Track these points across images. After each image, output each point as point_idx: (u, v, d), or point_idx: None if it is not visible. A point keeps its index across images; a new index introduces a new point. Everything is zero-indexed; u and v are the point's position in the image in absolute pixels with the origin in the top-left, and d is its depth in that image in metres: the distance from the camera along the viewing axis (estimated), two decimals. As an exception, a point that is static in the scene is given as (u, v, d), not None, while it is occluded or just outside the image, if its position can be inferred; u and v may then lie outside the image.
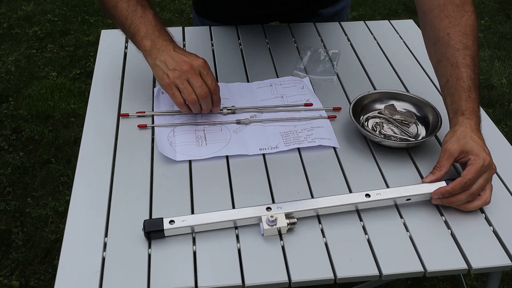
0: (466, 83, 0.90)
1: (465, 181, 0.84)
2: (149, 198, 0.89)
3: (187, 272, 0.77)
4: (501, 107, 2.57)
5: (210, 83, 0.96)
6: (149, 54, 0.97)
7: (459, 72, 0.91)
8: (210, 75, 0.97)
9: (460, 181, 0.84)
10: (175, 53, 0.96)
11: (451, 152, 0.87)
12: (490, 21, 3.29)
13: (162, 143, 0.99)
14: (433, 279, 1.76)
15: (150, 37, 0.97)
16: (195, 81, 0.95)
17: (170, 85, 0.95)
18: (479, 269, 0.80)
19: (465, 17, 0.95)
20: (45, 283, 1.72)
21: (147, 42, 0.97)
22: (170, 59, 0.95)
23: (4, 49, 2.88)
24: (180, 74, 0.94)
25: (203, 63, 0.96)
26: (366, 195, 0.87)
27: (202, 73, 0.96)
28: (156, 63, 0.96)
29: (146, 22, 0.98)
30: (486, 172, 0.85)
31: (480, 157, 0.85)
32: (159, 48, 0.96)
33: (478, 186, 0.85)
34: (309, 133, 1.02)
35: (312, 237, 0.83)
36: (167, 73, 0.95)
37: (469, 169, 0.84)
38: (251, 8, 1.34)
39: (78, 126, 2.34)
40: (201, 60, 0.97)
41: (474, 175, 0.84)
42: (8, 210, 1.94)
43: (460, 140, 0.87)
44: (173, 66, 0.95)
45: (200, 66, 0.96)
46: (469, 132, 0.87)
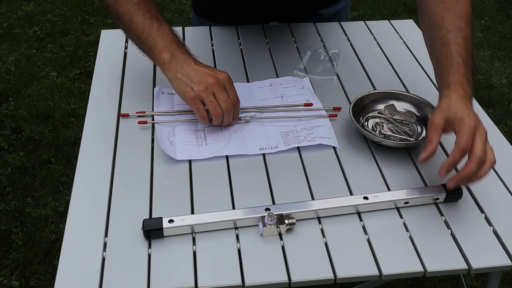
0: (454, 60, 0.90)
1: (461, 146, 0.82)
2: (149, 198, 0.89)
3: (187, 272, 0.77)
4: (501, 107, 2.57)
5: (233, 97, 0.96)
6: (168, 67, 0.95)
7: (449, 50, 0.91)
8: (233, 89, 0.97)
9: (456, 148, 0.83)
10: (197, 66, 0.95)
11: (436, 124, 0.86)
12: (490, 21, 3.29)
13: (163, 141, 0.99)
14: (433, 279, 1.76)
15: (169, 49, 0.96)
16: (221, 95, 0.94)
17: (195, 98, 0.94)
18: (479, 269, 0.80)
19: (461, 3, 0.96)
20: (45, 283, 1.72)
21: (166, 55, 0.95)
22: (193, 72, 0.94)
23: (4, 49, 2.88)
24: (206, 87, 0.93)
25: (227, 77, 0.96)
26: (364, 197, 0.87)
27: (226, 87, 0.96)
28: (177, 76, 0.94)
29: (163, 35, 0.97)
30: (477, 135, 0.83)
31: (464, 121, 0.84)
32: (179, 61, 0.95)
33: (479, 148, 0.82)
34: (309, 132, 1.02)
35: (312, 237, 0.84)
36: (191, 86, 0.93)
37: (460, 135, 0.83)
38: (251, 8, 1.34)
39: (78, 126, 2.34)
40: (225, 74, 0.96)
41: (467, 138, 0.82)
42: (8, 210, 1.94)
43: (443, 111, 0.86)
44: (198, 79, 0.93)
45: (225, 80, 0.95)
46: (453, 102, 0.86)
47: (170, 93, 1.11)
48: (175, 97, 1.11)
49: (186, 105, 1.08)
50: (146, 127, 1.04)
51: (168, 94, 1.11)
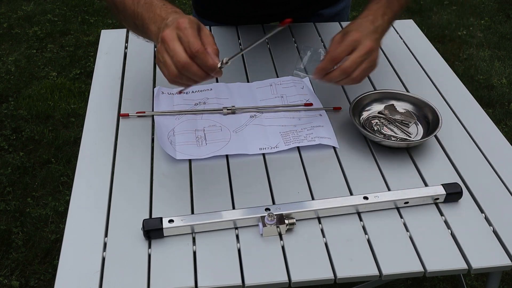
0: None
1: (332, 55, 0.89)
2: (149, 198, 0.89)
3: (187, 272, 0.77)
4: (501, 107, 2.57)
5: (186, 44, 0.75)
6: (156, 39, 0.84)
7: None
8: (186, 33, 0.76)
9: (328, 56, 0.89)
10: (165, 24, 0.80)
11: (335, 39, 0.91)
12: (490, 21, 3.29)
13: (163, 140, 0.99)
14: (433, 279, 1.76)
15: (153, 19, 0.85)
16: (169, 49, 0.76)
17: (158, 62, 0.80)
18: (479, 269, 0.80)
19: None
20: (45, 283, 1.72)
21: (152, 26, 0.85)
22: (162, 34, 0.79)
23: (4, 49, 2.88)
24: (160, 46, 0.78)
25: (180, 23, 0.77)
26: (364, 197, 0.87)
27: (179, 35, 0.77)
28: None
29: (148, 6, 0.88)
30: (358, 48, 0.87)
31: (350, 34, 0.88)
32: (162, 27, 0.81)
33: (349, 61, 0.87)
34: (309, 132, 1.02)
35: (312, 237, 0.84)
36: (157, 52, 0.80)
37: (335, 45, 0.89)
38: (251, 8, 1.34)
39: (78, 126, 2.34)
40: (181, 19, 0.78)
41: (341, 48, 0.88)
42: (8, 210, 1.94)
43: (344, 28, 0.93)
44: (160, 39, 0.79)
45: (177, 28, 0.77)
46: (356, 21, 0.93)
47: (170, 93, 1.12)
48: (175, 97, 1.11)
49: (186, 105, 1.08)
50: (146, 127, 1.04)
51: (168, 94, 1.11)
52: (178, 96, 1.11)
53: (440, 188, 0.89)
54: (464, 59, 2.92)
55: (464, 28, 3.20)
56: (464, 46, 3.03)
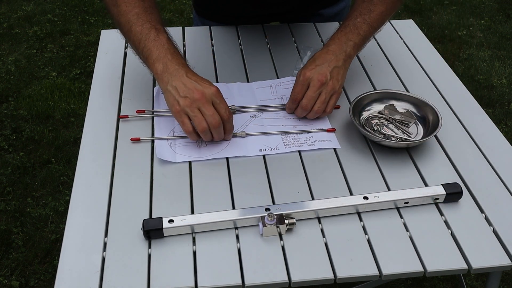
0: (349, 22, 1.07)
1: (292, 96, 1.03)
2: (149, 198, 0.89)
3: (187, 272, 0.77)
4: (501, 107, 2.57)
5: (223, 112, 0.93)
6: (160, 78, 0.95)
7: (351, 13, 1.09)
8: (223, 104, 0.94)
9: (290, 98, 1.04)
10: (187, 79, 0.93)
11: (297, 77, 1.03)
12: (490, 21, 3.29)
13: (162, 146, 0.98)
14: (433, 279, 1.76)
15: (162, 60, 0.95)
16: (206, 110, 0.91)
17: (180, 112, 0.92)
18: (479, 269, 0.80)
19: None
20: (45, 283, 1.72)
21: (159, 65, 0.95)
22: (182, 85, 0.92)
23: (4, 49, 2.88)
24: (191, 102, 0.91)
25: (215, 92, 0.93)
26: (364, 197, 0.87)
27: (215, 101, 0.93)
28: (167, 88, 0.93)
29: (159, 45, 0.96)
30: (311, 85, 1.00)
31: (301, 73, 1.02)
32: (171, 73, 0.94)
33: (306, 99, 1.01)
34: (309, 135, 1.02)
35: (312, 237, 0.84)
36: (178, 100, 0.92)
37: (294, 86, 1.03)
38: (251, 8, 1.34)
39: (78, 126, 2.34)
40: (214, 88, 0.93)
41: (298, 89, 1.02)
42: (8, 210, 1.94)
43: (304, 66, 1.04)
44: (185, 93, 0.92)
45: (213, 95, 0.92)
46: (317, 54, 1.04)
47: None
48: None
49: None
50: (146, 127, 1.04)
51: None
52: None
53: (440, 188, 0.89)
54: (464, 59, 2.92)
55: (464, 28, 3.20)
56: (464, 46, 3.03)
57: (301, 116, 1.05)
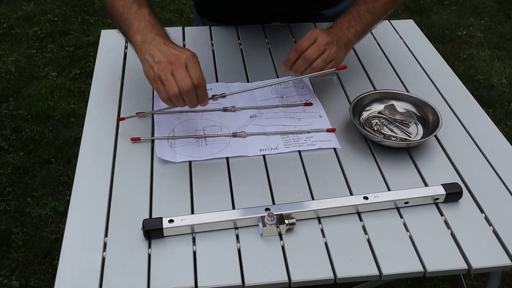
0: (353, 9, 1.08)
1: (295, 47, 1.01)
2: (149, 198, 0.89)
3: (187, 272, 0.77)
4: (501, 107, 2.57)
5: (194, 75, 0.89)
6: (139, 49, 0.93)
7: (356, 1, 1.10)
8: (196, 68, 0.89)
9: (293, 48, 1.02)
10: (164, 46, 0.91)
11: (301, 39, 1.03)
12: (490, 21, 3.29)
13: (162, 146, 0.98)
14: (433, 279, 1.76)
15: (142, 31, 0.94)
16: (178, 73, 0.88)
17: (155, 78, 0.90)
18: (479, 269, 0.80)
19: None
20: (45, 283, 1.72)
21: (138, 36, 0.94)
22: (158, 52, 0.90)
23: (4, 49, 2.88)
24: (165, 65, 0.89)
25: (190, 55, 0.90)
26: (364, 197, 0.87)
27: (188, 65, 0.89)
28: (145, 57, 0.92)
29: (139, 18, 0.95)
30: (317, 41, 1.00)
31: (309, 32, 1.02)
32: (150, 42, 0.92)
33: (312, 50, 1.00)
34: (309, 135, 1.02)
35: (312, 237, 0.84)
36: (153, 66, 0.90)
37: (301, 39, 1.01)
38: (251, 8, 1.34)
39: (78, 126, 2.34)
40: (189, 52, 0.90)
41: (304, 41, 1.01)
42: (8, 210, 1.94)
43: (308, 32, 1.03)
44: (159, 58, 0.90)
45: (187, 58, 0.89)
46: (320, 29, 1.03)
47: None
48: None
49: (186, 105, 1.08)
50: (146, 127, 1.04)
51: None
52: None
53: (440, 188, 0.89)
54: (464, 59, 2.92)
55: (464, 28, 3.20)
56: (464, 46, 3.03)
57: (298, 70, 1.02)
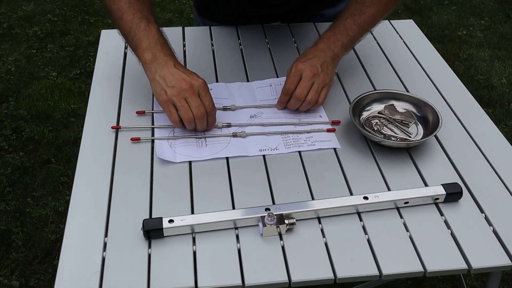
0: (339, 22, 1.09)
1: (285, 88, 1.04)
2: (149, 198, 0.89)
3: (187, 272, 0.77)
4: (501, 107, 2.57)
5: (207, 104, 0.96)
6: (149, 67, 0.97)
7: (343, 13, 1.11)
8: (208, 97, 0.96)
9: (282, 90, 1.05)
10: (175, 69, 0.95)
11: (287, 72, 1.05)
12: (490, 21, 3.29)
13: (162, 146, 0.98)
14: (433, 279, 1.76)
15: (152, 50, 0.97)
16: (193, 100, 0.94)
17: (167, 102, 0.95)
18: (479, 269, 0.80)
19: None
20: (45, 283, 1.72)
21: (148, 55, 0.97)
22: (170, 76, 0.95)
23: (4, 49, 2.88)
24: (179, 92, 0.94)
25: (202, 84, 0.96)
26: (364, 197, 0.87)
27: (201, 93, 0.95)
28: (155, 77, 0.96)
29: (149, 36, 0.98)
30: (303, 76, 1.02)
31: (293, 66, 1.04)
32: (160, 63, 0.96)
33: (300, 89, 1.02)
34: (309, 135, 1.02)
35: (312, 237, 0.84)
36: (165, 90, 0.94)
37: (287, 78, 1.04)
38: (251, 8, 1.34)
39: (78, 126, 2.34)
40: (201, 80, 0.96)
41: (290, 80, 1.03)
42: (8, 210, 1.94)
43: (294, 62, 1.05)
44: (172, 83, 0.94)
45: (199, 87, 0.95)
46: (307, 51, 1.06)
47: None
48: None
49: None
50: (146, 127, 1.04)
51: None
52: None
53: (440, 188, 0.89)
54: (464, 59, 2.92)
55: (464, 28, 3.20)
56: (464, 46, 3.03)
57: (293, 108, 1.06)
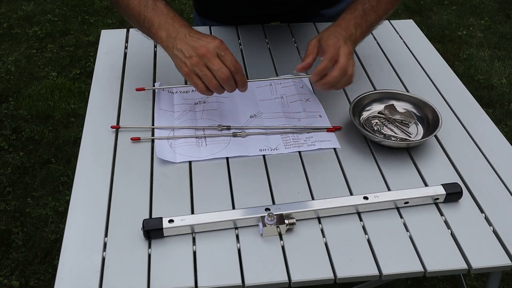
0: (358, 7, 1.06)
1: (330, 56, 0.95)
2: (149, 198, 0.89)
3: (187, 272, 0.77)
4: (501, 107, 2.57)
5: (229, 63, 0.91)
6: (166, 45, 0.95)
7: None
8: (229, 55, 0.91)
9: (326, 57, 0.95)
10: (190, 38, 0.92)
11: (312, 43, 0.99)
12: (490, 21, 3.29)
13: (162, 146, 0.98)
14: (433, 279, 1.76)
15: (164, 26, 0.95)
16: (213, 64, 0.90)
17: (190, 73, 0.92)
18: (479, 269, 0.80)
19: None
20: (45, 283, 1.72)
21: (162, 32, 0.95)
22: (186, 46, 0.92)
23: (4, 49, 2.88)
24: (198, 60, 0.91)
25: (219, 44, 0.91)
26: (364, 197, 0.87)
27: (220, 54, 0.91)
28: (174, 53, 0.93)
29: (158, 13, 0.97)
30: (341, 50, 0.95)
31: (330, 38, 0.97)
32: (174, 37, 0.94)
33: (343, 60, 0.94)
34: (309, 135, 1.02)
35: (312, 237, 0.84)
36: (185, 62, 0.92)
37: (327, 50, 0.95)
38: (251, 8, 1.34)
39: (78, 126, 2.34)
40: (217, 41, 0.92)
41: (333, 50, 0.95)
42: (8, 210, 1.94)
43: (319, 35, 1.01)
44: (189, 53, 0.91)
45: (217, 48, 0.91)
46: (329, 29, 1.01)
47: (170, 92, 1.12)
48: (175, 96, 1.11)
49: (186, 104, 1.08)
50: (146, 127, 1.04)
51: (168, 92, 1.12)
52: (178, 95, 1.11)
53: (440, 188, 0.89)
54: (464, 59, 2.92)
55: (464, 28, 3.20)
56: (464, 46, 3.03)
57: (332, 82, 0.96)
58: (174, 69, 1.04)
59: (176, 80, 1.14)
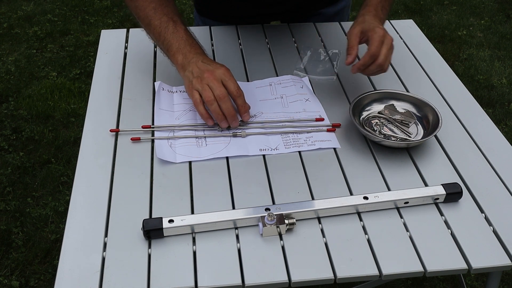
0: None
1: (372, 52, 1.00)
2: (149, 198, 0.89)
3: (187, 272, 0.77)
4: (501, 107, 2.57)
5: (232, 88, 0.98)
6: (181, 67, 1.02)
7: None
8: (232, 81, 0.99)
9: (368, 53, 1.01)
10: (202, 63, 1.00)
11: (355, 33, 1.04)
12: (490, 21, 3.29)
13: (162, 146, 0.98)
14: (433, 279, 1.76)
15: (182, 51, 1.03)
16: (214, 84, 0.97)
17: (192, 90, 0.99)
18: (479, 269, 0.80)
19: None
20: (45, 283, 1.72)
21: (179, 56, 1.03)
22: (196, 69, 1.00)
23: (4, 49, 2.88)
24: (201, 79, 0.98)
25: (224, 71, 1.00)
26: (364, 197, 0.87)
27: (224, 79, 0.99)
28: (185, 74, 1.01)
29: (177, 37, 1.04)
30: (384, 43, 1.01)
31: (376, 31, 1.01)
32: (189, 61, 1.01)
33: (384, 55, 1.00)
34: (309, 135, 1.02)
35: (312, 237, 0.84)
36: (192, 81, 0.99)
37: (372, 42, 1.01)
38: (251, 7, 1.34)
39: (78, 126, 2.34)
40: (223, 68, 1.00)
41: (377, 45, 1.00)
42: (8, 210, 1.94)
43: (359, 24, 1.05)
44: (197, 74, 0.99)
45: (222, 74, 0.99)
46: (366, 18, 1.06)
47: (170, 91, 1.12)
48: (174, 96, 1.11)
49: (186, 104, 1.08)
50: (145, 130, 1.04)
51: (168, 92, 1.12)
52: (178, 94, 1.11)
53: (440, 188, 0.89)
54: (464, 59, 2.92)
55: (464, 28, 3.20)
56: (464, 46, 3.03)
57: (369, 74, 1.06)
58: (174, 69, 1.05)
59: (176, 80, 1.14)
